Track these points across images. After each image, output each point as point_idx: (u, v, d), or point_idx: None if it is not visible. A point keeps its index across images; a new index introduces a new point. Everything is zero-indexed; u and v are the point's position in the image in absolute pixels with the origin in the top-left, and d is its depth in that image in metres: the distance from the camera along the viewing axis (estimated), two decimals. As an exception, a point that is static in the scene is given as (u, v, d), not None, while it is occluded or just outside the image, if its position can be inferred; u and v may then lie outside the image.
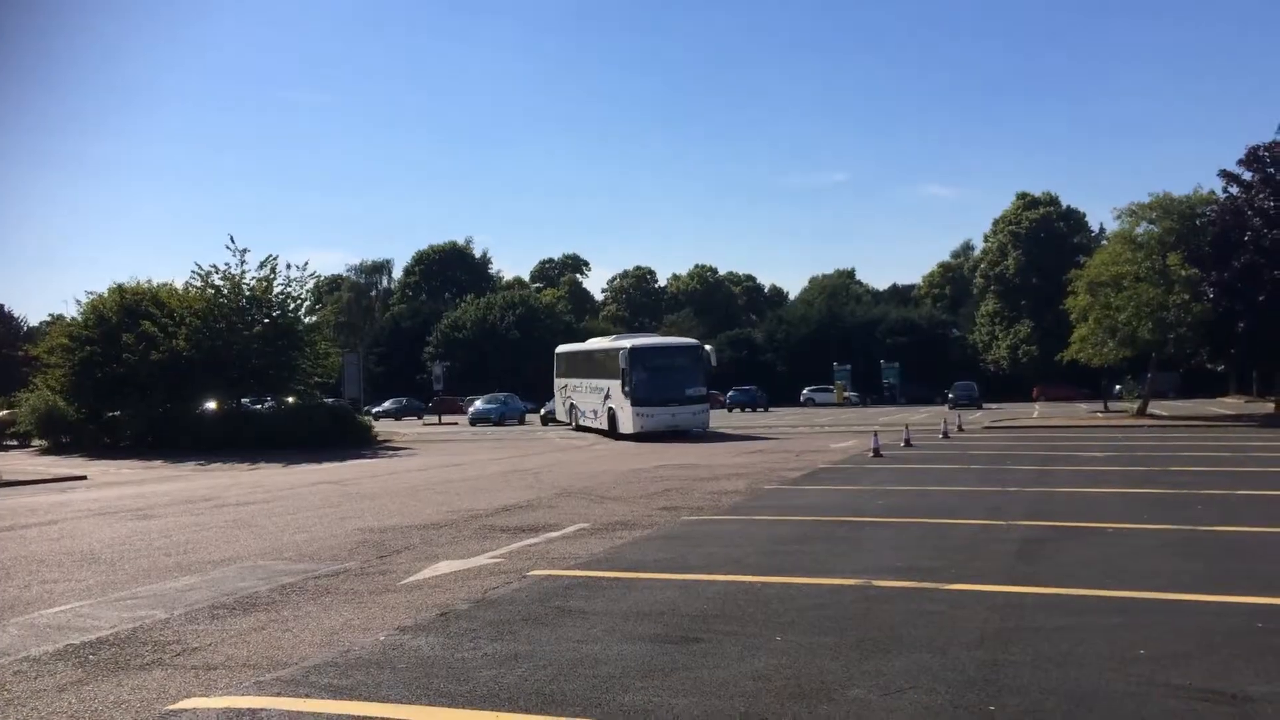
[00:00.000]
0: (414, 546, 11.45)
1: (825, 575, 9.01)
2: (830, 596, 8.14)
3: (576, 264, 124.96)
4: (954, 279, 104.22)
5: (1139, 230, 42.39)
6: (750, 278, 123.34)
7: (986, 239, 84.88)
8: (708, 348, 37.26)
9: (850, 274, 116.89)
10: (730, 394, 69.18)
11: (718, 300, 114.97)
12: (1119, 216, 43.43)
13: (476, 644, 6.85)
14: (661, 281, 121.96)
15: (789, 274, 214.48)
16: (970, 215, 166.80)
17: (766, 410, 66.59)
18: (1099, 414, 46.29)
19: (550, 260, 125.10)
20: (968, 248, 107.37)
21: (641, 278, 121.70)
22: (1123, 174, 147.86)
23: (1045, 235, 77.86)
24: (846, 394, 75.91)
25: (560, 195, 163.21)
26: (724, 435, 35.69)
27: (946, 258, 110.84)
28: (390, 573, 9.80)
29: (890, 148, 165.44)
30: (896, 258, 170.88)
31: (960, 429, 35.13)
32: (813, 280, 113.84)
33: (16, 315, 71.51)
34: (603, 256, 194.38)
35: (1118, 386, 64.29)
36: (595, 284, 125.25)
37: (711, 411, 39.09)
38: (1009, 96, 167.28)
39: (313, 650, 6.87)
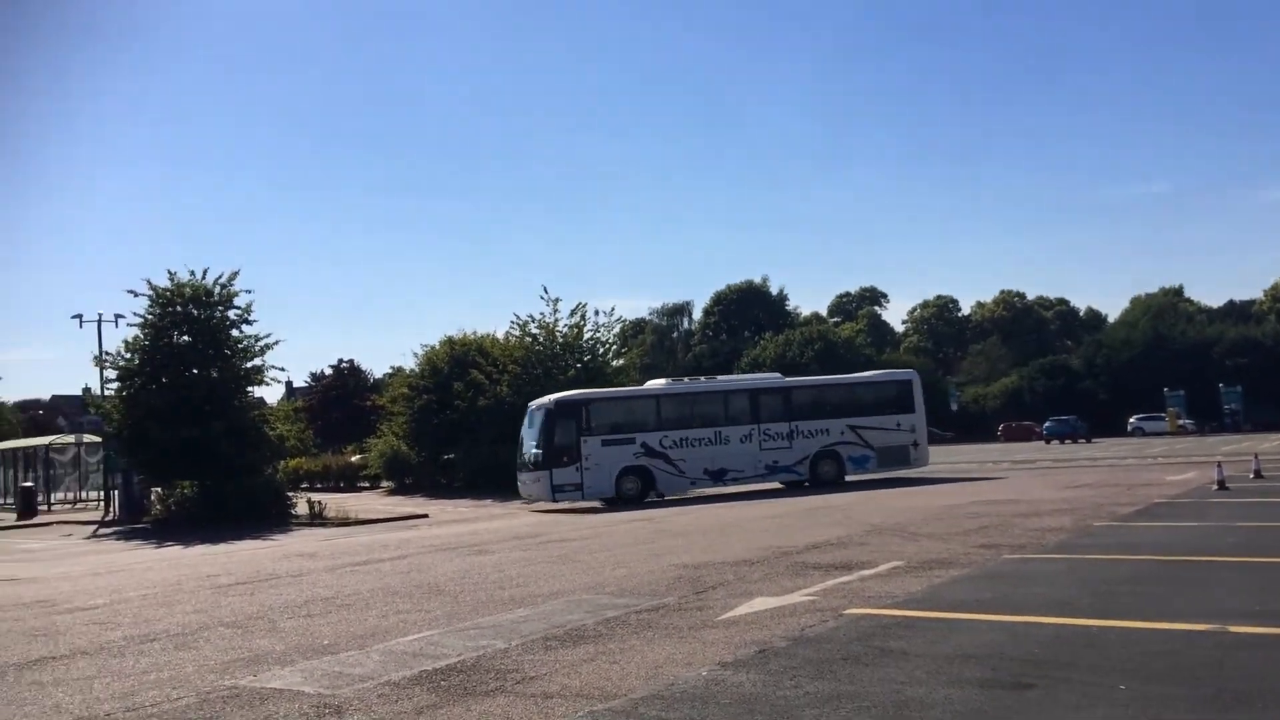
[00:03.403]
0: (728, 583, 11.63)
1: (1170, 619, 8.32)
2: (1178, 642, 7.51)
3: (874, 296, 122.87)
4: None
5: None
6: (1063, 301, 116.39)
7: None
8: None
9: (1178, 291, 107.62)
10: (1047, 425, 65.42)
11: (1026, 326, 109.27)
12: None
13: (797, 683, 6.86)
14: (964, 310, 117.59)
15: (1106, 295, 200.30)
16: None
17: (1089, 441, 62.33)
18: None
19: (847, 294, 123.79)
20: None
21: (943, 307, 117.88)
22: None
23: None
24: (1181, 422, 69.77)
25: (855, 228, 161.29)
26: (1040, 468, 33.78)
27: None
28: (707, 608, 9.99)
29: (1220, 151, 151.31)
30: (1231, 271, 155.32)
31: (1321, 458, 31.42)
32: (1135, 300, 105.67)
33: (364, 369, 78.99)
34: (901, 287, 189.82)
35: None
36: (894, 315, 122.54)
37: (1028, 444, 36.74)
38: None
39: (639, 683, 7.13)
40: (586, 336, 40.70)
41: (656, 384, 31.69)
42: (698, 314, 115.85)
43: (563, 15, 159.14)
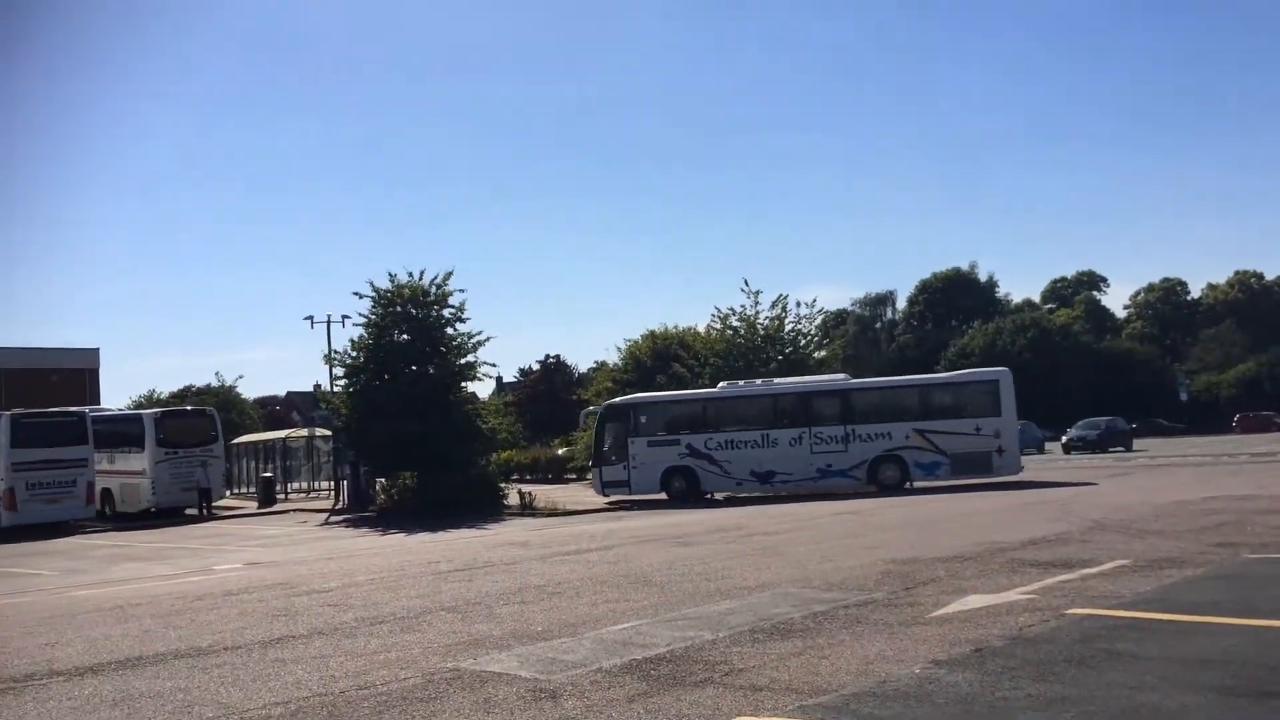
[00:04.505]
0: (939, 579, 11.30)
1: None
2: None
3: (1092, 280, 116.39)
4: None
5: None
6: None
7: None
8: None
9: None
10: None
11: (1265, 309, 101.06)
12: None
13: (1016, 684, 6.59)
14: (1194, 293, 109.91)
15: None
16: None
17: (1339, 432, 57.22)
18: None
19: (1063, 279, 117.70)
20: None
21: (1170, 290, 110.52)
22: None
23: None
24: None
25: (1070, 208, 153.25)
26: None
27: None
28: (918, 605, 9.75)
29: None
30: None
31: None
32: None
33: (569, 364, 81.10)
34: (1123, 270, 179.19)
35: None
36: (1115, 301, 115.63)
37: (1267, 435, 33.64)
38: None
39: (850, 679, 7.02)
40: (788, 328, 40.46)
41: (721, 386, 32.26)
42: (901, 303, 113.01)
43: (754, 7, 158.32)
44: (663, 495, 29.30)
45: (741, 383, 32.55)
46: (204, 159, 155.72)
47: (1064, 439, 49.31)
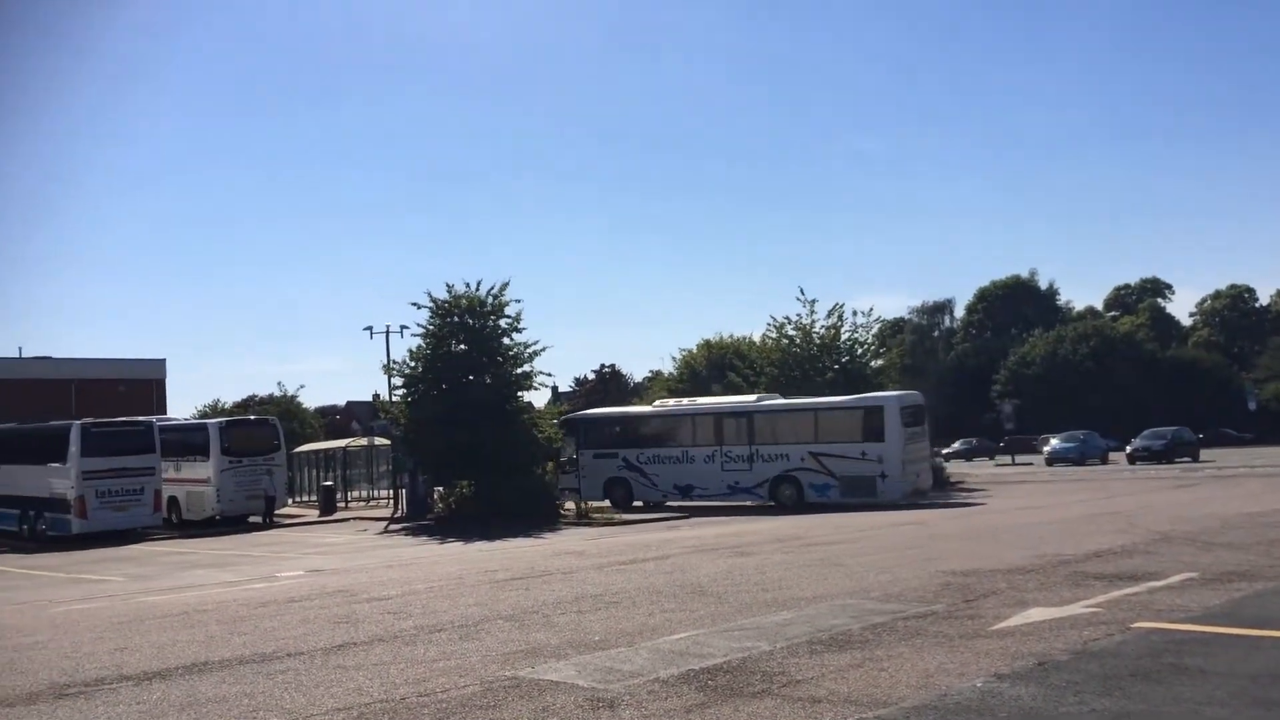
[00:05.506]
0: (1000, 591, 11.15)
1: None
2: None
3: (1157, 287, 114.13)
4: None
5: None
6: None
7: None
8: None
9: None
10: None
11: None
12: None
13: (1082, 699, 6.49)
14: (1263, 299, 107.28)
15: None
16: None
17: None
18: None
19: (1126, 286, 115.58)
20: None
21: (1237, 297, 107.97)
22: None
23: None
24: None
25: (1134, 214, 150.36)
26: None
27: None
28: (979, 617, 9.63)
29: None
30: None
31: None
32: None
33: (624, 373, 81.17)
34: (1188, 277, 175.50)
35: None
36: (1180, 308, 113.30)
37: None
38: None
39: (909, 691, 6.96)
40: (844, 337, 40.16)
41: (651, 406, 35.68)
42: (960, 311, 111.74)
43: (812, 9, 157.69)
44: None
45: (671, 402, 35.54)
46: (268, 173, 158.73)
47: (1128, 449, 48.46)
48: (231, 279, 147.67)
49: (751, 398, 33.60)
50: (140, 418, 33.95)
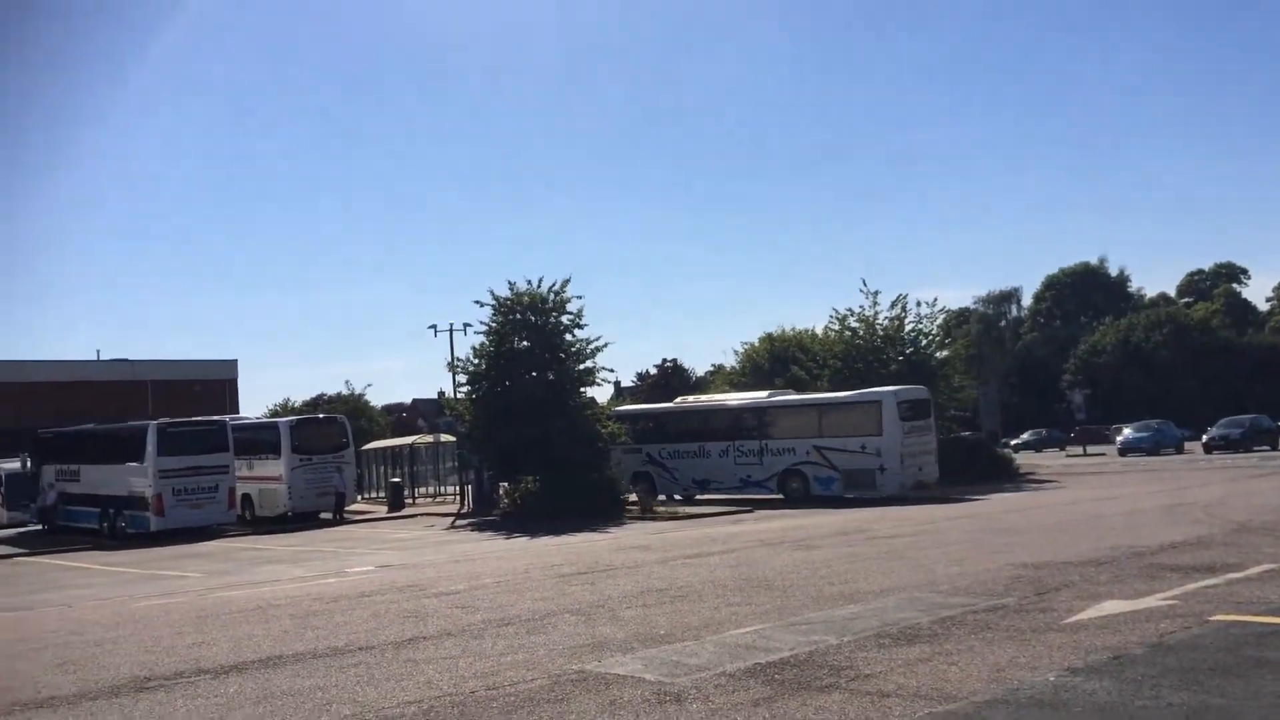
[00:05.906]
0: (1073, 584, 10.95)
1: None
2: None
3: (1233, 272, 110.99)
4: None
5: None
6: None
7: None
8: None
9: None
10: None
11: None
12: None
13: (1158, 693, 6.36)
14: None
15: None
16: None
17: None
18: None
19: (1200, 271, 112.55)
20: None
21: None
22: None
23: None
24: None
25: (1208, 197, 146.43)
26: None
27: None
28: (1051, 610, 9.47)
29: None
30: None
31: None
32: None
33: (686, 367, 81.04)
34: (1267, 261, 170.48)
35: None
36: (1258, 293, 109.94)
37: None
38: None
39: (981, 685, 6.87)
40: (908, 328, 39.64)
41: (672, 403, 36.52)
42: (1027, 300, 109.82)
43: (879, 5, 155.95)
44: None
45: (690, 399, 36.74)
46: (333, 177, 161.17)
47: (1204, 438, 47.20)
48: (299, 282, 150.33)
49: (763, 394, 34.55)
50: (214, 417, 34.66)
